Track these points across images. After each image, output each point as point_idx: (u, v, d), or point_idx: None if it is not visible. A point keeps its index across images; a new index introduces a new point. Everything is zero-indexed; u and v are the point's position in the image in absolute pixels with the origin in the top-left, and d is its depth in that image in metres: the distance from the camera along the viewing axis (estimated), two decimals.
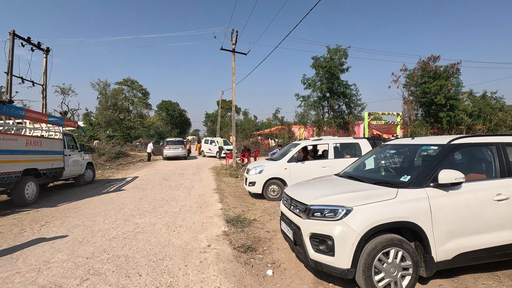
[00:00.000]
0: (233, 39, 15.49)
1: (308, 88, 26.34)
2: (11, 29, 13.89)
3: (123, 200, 7.49)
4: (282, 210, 4.02)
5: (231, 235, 4.73)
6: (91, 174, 10.84)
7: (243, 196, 8.21)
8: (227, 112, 63.14)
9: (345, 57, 22.93)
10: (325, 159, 7.85)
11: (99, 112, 37.13)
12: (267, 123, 45.56)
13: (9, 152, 6.34)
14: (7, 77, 13.86)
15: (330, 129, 26.55)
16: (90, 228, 5.09)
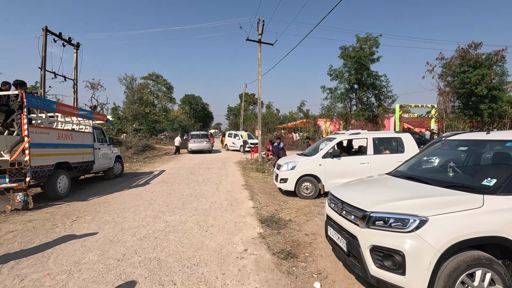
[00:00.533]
0: (259, 29, 14.94)
1: (335, 79, 25.28)
2: (43, 25, 14.25)
3: (151, 195, 7.34)
4: (328, 213, 3.55)
5: (268, 238, 4.34)
6: (120, 168, 10.90)
7: (273, 193, 7.80)
8: (249, 106, 62.83)
9: (376, 46, 21.65)
10: (363, 155, 7.23)
11: (126, 106, 38.14)
12: (290, 116, 44.77)
13: (41, 146, 6.34)
14: (40, 72, 14.27)
15: (357, 123, 25.42)
16: (120, 225, 4.91)
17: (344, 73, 24.11)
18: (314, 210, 6.02)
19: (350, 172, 7.03)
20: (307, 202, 6.73)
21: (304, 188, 7.11)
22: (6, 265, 3.44)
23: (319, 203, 6.55)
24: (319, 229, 4.85)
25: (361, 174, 6.99)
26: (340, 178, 7.01)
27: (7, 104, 7.27)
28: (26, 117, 5.86)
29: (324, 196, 7.17)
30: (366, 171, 6.99)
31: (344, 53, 22.97)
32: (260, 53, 15.03)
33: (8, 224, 4.98)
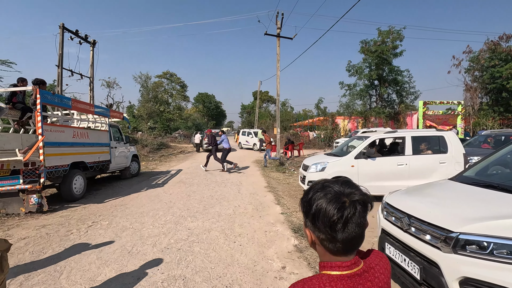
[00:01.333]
0: (278, 23, 14.31)
1: (354, 75, 24.40)
2: (60, 23, 14.14)
3: (170, 197, 6.92)
4: (386, 228, 2.95)
5: (306, 252, 3.78)
6: (137, 167, 10.59)
7: (299, 196, 7.17)
8: (263, 103, 62.21)
9: (400, 39, 20.60)
10: (400, 155, 6.53)
11: (141, 105, 38.37)
12: (304, 114, 43.83)
13: (56, 145, 6.01)
14: (58, 70, 14.18)
15: (377, 120, 24.40)
16: (139, 233, 4.47)
17: (364, 69, 23.17)
18: None
19: (386, 174, 6.37)
20: None
21: None
22: (15, 280, 3.04)
23: None
24: None
25: (398, 176, 6.34)
26: (375, 181, 6.38)
27: (23, 101, 7.01)
28: (41, 114, 5.51)
29: None
30: (404, 173, 6.33)
31: (365, 47, 22.03)
32: (279, 48, 14.41)
33: (21, 230, 4.63)
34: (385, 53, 20.62)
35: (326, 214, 0.73)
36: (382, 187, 6.37)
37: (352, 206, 0.73)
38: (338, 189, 0.77)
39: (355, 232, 0.74)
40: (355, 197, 0.75)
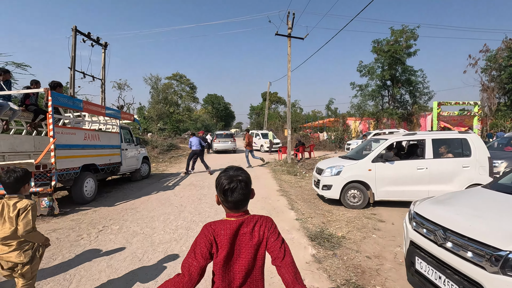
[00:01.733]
0: (289, 23, 14.10)
1: (366, 76, 23.92)
2: (73, 25, 14.30)
3: (181, 200, 6.79)
4: (416, 240, 2.71)
5: (324, 262, 3.56)
6: (147, 169, 10.54)
7: (313, 200, 6.99)
8: (272, 104, 61.98)
9: (414, 38, 20.06)
10: (420, 159, 6.22)
11: (151, 106, 38.68)
12: (313, 115, 43.40)
13: (68, 147, 5.95)
14: (70, 72, 14.34)
15: (389, 122, 23.87)
16: (150, 239, 4.33)
17: (376, 69, 22.69)
18: (367, 223, 5.15)
19: (405, 179, 6.09)
20: (355, 212, 5.87)
21: (351, 197, 6.24)
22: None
23: (370, 215, 5.66)
24: (382, 250, 4.01)
25: (418, 181, 6.05)
26: (394, 185, 6.11)
27: (35, 103, 7.02)
28: (52, 116, 5.46)
29: (372, 205, 6.27)
30: (424, 178, 6.03)
31: (377, 47, 21.57)
32: (290, 48, 14.19)
33: None
34: (398, 52, 20.14)
35: (222, 186, 1.28)
36: (401, 192, 6.10)
37: (237, 182, 1.27)
38: (231, 173, 1.31)
39: (239, 198, 1.28)
40: (239, 177, 1.29)
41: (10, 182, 2.15)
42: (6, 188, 2.19)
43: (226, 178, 1.29)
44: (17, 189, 2.19)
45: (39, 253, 2.28)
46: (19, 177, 2.18)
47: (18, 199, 2.17)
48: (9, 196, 2.17)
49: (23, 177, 2.21)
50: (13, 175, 2.16)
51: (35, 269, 2.26)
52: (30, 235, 2.11)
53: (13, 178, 2.15)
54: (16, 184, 2.18)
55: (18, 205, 2.11)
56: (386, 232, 4.72)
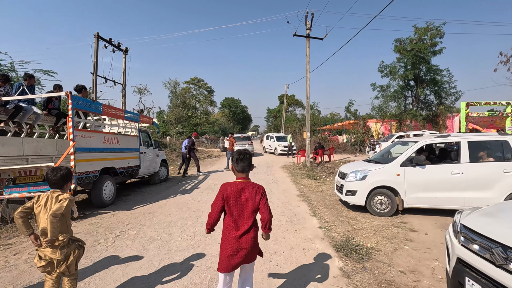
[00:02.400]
0: (308, 23, 13.79)
1: (387, 76, 23.03)
2: (95, 32, 14.70)
3: (198, 205, 6.64)
4: (463, 257, 2.35)
5: (354, 277, 3.24)
6: (165, 172, 10.54)
7: (336, 206, 6.62)
8: (289, 107, 61.43)
9: (440, 36, 19.09)
10: (455, 163, 5.72)
11: (170, 110, 39.37)
12: (331, 117, 42.48)
13: (87, 150, 5.96)
14: (93, 77, 14.72)
15: (412, 124, 22.83)
16: (167, 245, 4.17)
17: (399, 69, 21.80)
18: (398, 233, 4.75)
19: (438, 184, 5.61)
20: (383, 220, 5.46)
21: (378, 203, 5.83)
22: None
23: (400, 223, 5.24)
24: (417, 265, 3.62)
25: (452, 187, 5.55)
26: (425, 191, 5.65)
27: (58, 107, 7.14)
28: (72, 119, 5.47)
29: (401, 213, 5.83)
30: (460, 183, 5.52)
31: (400, 46, 20.73)
32: (309, 49, 13.86)
33: None
34: (423, 51, 19.21)
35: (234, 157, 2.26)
36: (434, 199, 5.63)
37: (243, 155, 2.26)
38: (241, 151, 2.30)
39: (244, 165, 2.24)
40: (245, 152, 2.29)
41: (56, 179, 2.38)
42: (51, 185, 2.40)
43: (237, 153, 2.30)
44: (61, 186, 2.42)
45: (74, 254, 2.40)
46: (64, 174, 2.42)
47: (60, 192, 2.38)
48: (53, 190, 2.38)
49: (67, 175, 2.45)
50: (59, 173, 2.40)
51: (73, 269, 2.41)
52: (52, 220, 2.18)
53: (59, 176, 2.39)
54: (61, 181, 2.41)
55: (60, 197, 2.32)
56: (419, 244, 4.31)
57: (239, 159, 2.23)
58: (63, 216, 2.28)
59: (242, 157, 2.24)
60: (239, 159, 2.24)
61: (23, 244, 4.31)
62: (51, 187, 2.40)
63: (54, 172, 2.40)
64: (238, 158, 2.24)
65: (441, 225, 5.15)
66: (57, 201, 2.30)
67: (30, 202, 2.33)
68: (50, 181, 2.39)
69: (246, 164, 2.25)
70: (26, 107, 6.33)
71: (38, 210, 2.31)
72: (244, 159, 2.24)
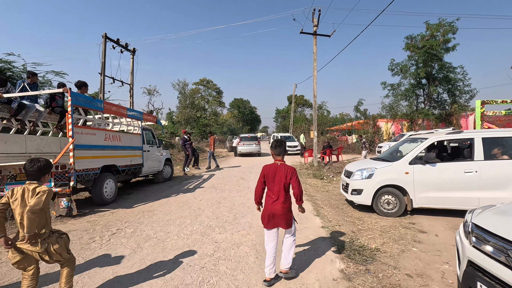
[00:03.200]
0: (315, 20, 13.53)
1: (398, 74, 22.47)
2: (103, 32, 14.86)
3: (199, 203, 6.50)
4: (475, 259, 2.12)
5: (355, 280, 3.02)
6: (170, 171, 10.48)
7: (341, 206, 6.37)
8: (298, 107, 60.99)
9: (452, 32, 18.46)
10: (468, 161, 5.39)
11: (179, 111, 39.61)
12: (341, 118, 41.85)
13: (87, 147, 5.91)
14: (100, 77, 14.87)
15: (424, 123, 22.17)
16: (162, 244, 4.04)
17: (410, 67, 21.23)
18: (405, 234, 4.48)
19: (450, 183, 5.29)
20: (390, 221, 5.19)
21: (385, 203, 5.56)
22: None
23: (408, 224, 4.96)
24: (426, 268, 3.37)
25: (465, 186, 5.22)
26: (436, 191, 5.34)
27: (62, 105, 7.14)
28: (71, 116, 5.43)
29: (410, 213, 5.54)
30: (473, 182, 5.19)
31: (411, 43, 20.18)
32: (316, 47, 13.60)
33: None
34: (435, 48, 18.61)
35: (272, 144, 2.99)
36: (445, 199, 5.32)
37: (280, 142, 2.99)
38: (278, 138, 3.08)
39: (280, 150, 2.96)
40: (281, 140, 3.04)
41: (33, 170, 2.30)
42: (28, 176, 2.33)
43: (275, 141, 2.99)
44: (38, 177, 2.34)
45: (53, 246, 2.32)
46: (42, 166, 2.34)
47: (37, 185, 2.30)
48: (30, 182, 2.30)
49: (45, 167, 2.37)
50: (37, 164, 2.32)
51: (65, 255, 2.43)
52: (29, 216, 2.12)
53: (36, 167, 2.32)
54: (38, 172, 2.32)
55: (37, 190, 2.23)
56: (429, 246, 4.04)
57: (276, 146, 2.95)
58: (42, 210, 2.20)
59: (278, 144, 2.96)
60: (276, 145, 2.95)
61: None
62: (28, 178, 2.32)
63: (32, 163, 2.32)
64: (276, 144, 2.96)
65: (453, 227, 4.85)
66: (34, 193, 2.20)
67: (5, 198, 2.23)
68: (27, 172, 2.31)
69: (282, 149, 2.97)
70: (29, 105, 6.35)
71: (15, 205, 2.22)
72: (280, 145, 2.96)
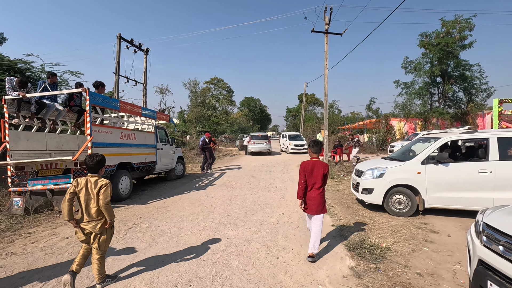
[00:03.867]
0: (326, 18, 13.46)
1: (411, 72, 22.04)
2: (118, 33, 15.22)
3: (211, 201, 6.64)
4: (486, 259, 2.13)
5: (365, 277, 3.06)
6: (182, 169, 10.68)
7: (351, 205, 6.38)
8: (309, 106, 60.57)
9: (469, 29, 17.96)
10: (483, 161, 5.30)
11: (190, 110, 40.07)
12: (352, 117, 41.35)
13: (104, 145, 6.13)
14: (115, 77, 15.25)
15: (438, 122, 21.68)
16: (176, 239, 4.18)
17: (424, 65, 20.79)
18: (417, 234, 4.47)
19: (464, 184, 5.21)
20: (401, 220, 5.17)
21: (396, 202, 5.54)
22: (47, 284, 2.90)
23: (420, 224, 4.94)
24: (437, 267, 3.37)
25: (479, 187, 5.14)
26: (449, 191, 5.28)
27: (79, 104, 7.41)
28: (89, 115, 5.65)
29: (422, 213, 5.50)
30: (488, 183, 5.10)
31: (425, 40, 19.74)
32: (327, 45, 13.53)
33: (66, 229, 4.69)
34: (450, 45, 18.14)
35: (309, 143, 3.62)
36: (458, 199, 5.25)
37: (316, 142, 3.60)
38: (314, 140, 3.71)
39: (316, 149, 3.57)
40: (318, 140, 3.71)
41: (93, 164, 2.76)
42: (89, 169, 2.79)
43: (312, 141, 3.57)
44: (97, 170, 2.80)
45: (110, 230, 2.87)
46: (100, 160, 2.82)
47: (98, 177, 2.77)
48: (91, 175, 2.77)
49: (102, 161, 2.84)
50: (96, 159, 2.79)
51: (106, 244, 2.84)
52: (106, 207, 2.67)
53: (96, 161, 2.78)
54: (97, 165, 2.79)
55: (99, 182, 2.71)
56: (440, 246, 4.02)
57: (314, 145, 3.56)
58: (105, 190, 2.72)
59: (315, 144, 3.56)
60: (313, 145, 3.56)
61: (41, 234, 4.49)
62: (89, 171, 2.78)
63: (91, 158, 2.77)
64: (313, 144, 3.57)
65: (467, 227, 4.79)
66: (96, 185, 2.69)
67: (72, 187, 2.69)
68: (88, 166, 2.76)
69: (318, 148, 3.56)
70: (49, 104, 6.62)
71: (81, 193, 2.69)
72: (316, 145, 3.55)
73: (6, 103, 5.87)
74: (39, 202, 5.73)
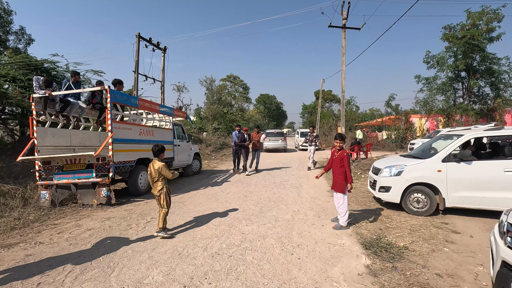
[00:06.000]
0: (344, 13, 13.19)
1: (434, 67, 21.21)
2: (137, 32, 15.59)
3: (227, 196, 6.73)
4: (509, 259, 2.05)
5: (381, 276, 3.02)
6: (198, 165, 10.86)
7: (368, 203, 6.26)
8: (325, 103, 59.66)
9: (498, 20, 17.00)
10: (509, 159, 5.05)
11: (207, 107, 40.55)
12: (370, 113, 40.34)
13: (124, 141, 6.34)
14: (134, 75, 15.67)
15: (463, 119, 20.76)
16: (192, 233, 4.28)
17: (448, 59, 19.94)
18: (437, 234, 4.34)
19: (488, 183, 4.98)
20: (421, 220, 5.03)
21: (414, 201, 5.39)
22: (72, 272, 3.06)
23: (440, 224, 4.78)
24: (457, 268, 3.26)
25: (505, 186, 4.90)
26: (471, 190, 5.07)
27: (101, 102, 7.68)
28: (110, 112, 5.85)
29: (442, 213, 5.32)
30: None
31: (449, 33, 18.90)
32: (345, 40, 13.26)
33: (89, 221, 4.92)
34: (477, 38, 17.25)
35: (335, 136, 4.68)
36: (482, 199, 5.03)
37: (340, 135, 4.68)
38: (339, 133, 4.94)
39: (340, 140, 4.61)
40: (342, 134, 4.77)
41: (156, 151, 4.20)
42: (153, 154, 4.21)
43: (338, 134, 4.70)
44: (158, 155, 4.20)
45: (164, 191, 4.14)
46: (160, 148, 4.23)
47: (158, 160, 4.16)
48: (155, 159, 4.18)
49: (161, 149, 4.24)
50: (157, 147, 4.20)
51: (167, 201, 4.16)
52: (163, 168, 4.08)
53: (157, 149, 4.20)
54: (158, 152, 4.20)
55: (158, 163, 4.09)
56: (462, 246, 3.89)
57: (337, 138, 4.57)
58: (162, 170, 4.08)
59: (339, 136, 4.58)
60: (337, 138, 4.57)
61: (66, 225, 4.73)
62: (154, 156, 4.21)
63: (155, 147, 4.17)
64: (338, 137, 4.58)
65: (491, 228, 4.57)
66: (157, 165, 4.06)
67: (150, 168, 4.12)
68: (153, 152, 4.18)
69: (342, 140, 4.57)
70: (73, 102, 6.92)
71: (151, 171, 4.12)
72: (341, 138, 4.57)
73: (34, 101, 6.19)
74: (64, 195, 6.03)
